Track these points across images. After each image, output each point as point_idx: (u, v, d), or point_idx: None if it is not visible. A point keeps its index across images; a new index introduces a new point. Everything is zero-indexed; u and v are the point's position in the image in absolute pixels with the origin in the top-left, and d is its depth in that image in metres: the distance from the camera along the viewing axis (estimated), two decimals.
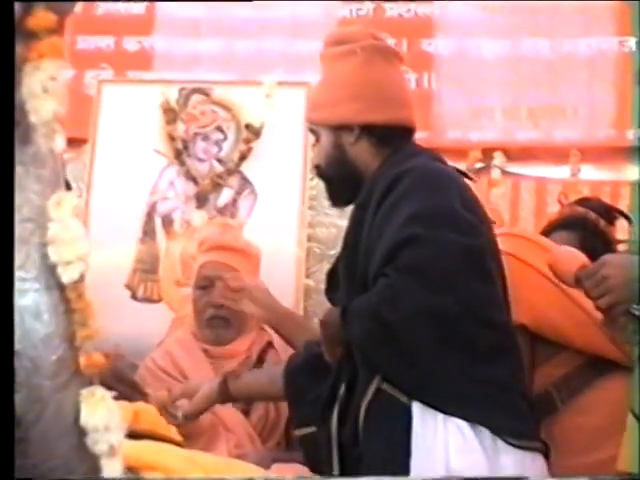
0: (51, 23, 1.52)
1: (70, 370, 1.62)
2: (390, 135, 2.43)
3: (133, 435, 1.89)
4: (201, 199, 3.71)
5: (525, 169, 4.70)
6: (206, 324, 3.21)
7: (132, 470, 1.86)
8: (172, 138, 3.73)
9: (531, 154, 4.71)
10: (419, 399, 2.13)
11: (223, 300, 3.00)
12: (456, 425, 2.11)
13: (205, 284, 3.23)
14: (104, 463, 1.65)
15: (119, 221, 3.67)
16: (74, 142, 3.91)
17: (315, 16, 4.78)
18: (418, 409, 2.13)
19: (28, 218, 1.59)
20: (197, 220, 3.68)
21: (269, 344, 3.23)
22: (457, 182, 2.34)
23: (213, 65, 4.74)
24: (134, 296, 3.66)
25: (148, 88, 3.88)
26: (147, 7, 4.94)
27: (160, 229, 3.72)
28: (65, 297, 1.62)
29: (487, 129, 4.72)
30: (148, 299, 3.66)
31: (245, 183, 3.71)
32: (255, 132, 3.69)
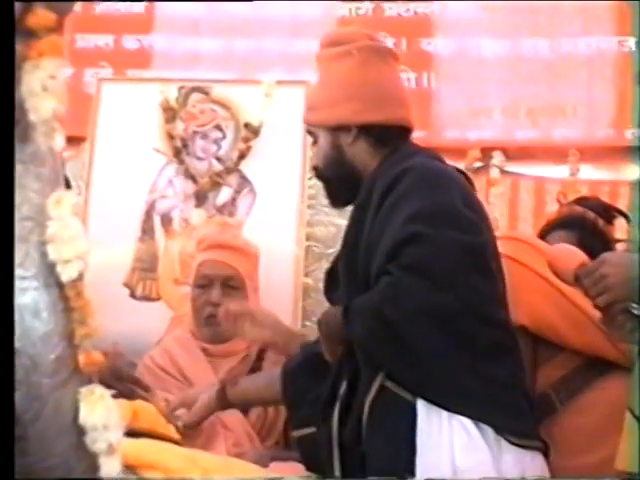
0: (51, 22, 1.53)
1: (69, 368, 1.63)
2: (388, 135, 2.43)
3: (132, 433, 1.89)
4: (200, 198, 3.71)
5: (524, 168, 4.69)
6: (205, 322, 3.21)
7: (131, 469, 1.86)
8: (171, 137, 3.72)
9: (530, 154, 4.70)
10: (423, 396, 2.14)
11: (225, 326, 2.91)
12: (460, 423, 2.11)
13: (204, 283, 3.23)
14: (103, 461, 1.65)
15: (118, 219, 3.66)
16: (73, 140, 3.89)
17: (314, 15, 4.78)
18: (423, 407, 2.13)
19: (27, 216, 1.59)
20: (196, 219, 3.68)
21: None
22: (457, 181, 2.34)
23: (212, 64, 4.73)
24: (133, 294, 3.66)
25: (147, 86, 3.87)
26: (146, 6, 4.93)
27: (159, 227, 3.71)
28: (64, 295, 1.62)
29: (486, 128, 4.71)
30: (147, 297, 3.66)
31: (244, 182, 3.71)
32: (254, 131, 3.68)
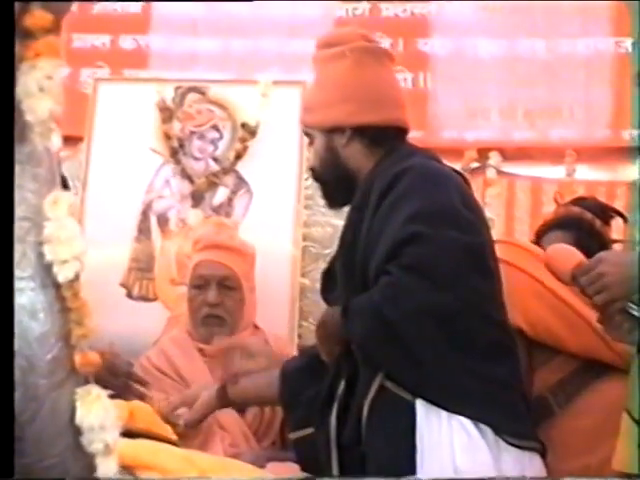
0: (48, 22, 1.53)
1: (66, 369, 1.63)
2: (383, 136, 2.43)
3: (128, 434, 1.89)
4: (197, 198, 3.71)
5: (521, 169, 4.69)
6: (201, 323, 3.21)
7: (127, 469, 1.86)
8: (168, 137, 3.73)
9: (527, 154, 4.70)
10: (422, 396, 2.13)
11: (218, 363, 2.87)
12: (460, 423, 2.11)
13: (200, 283, 3.23)
14: (99, 462, 1.65)
15: (115, 219, 3.66)
16: (70, 140, 3.92)
17: (311, 16, 4.78)
18: (422, 407, 2.13)
19: (24, 217, 1.59)
20: (192, 219, 3.68)
21: (265, 342, 3.23)
22: (455, 181, 2.34)
23: (209, 64, 4.73)
24: (129, 295, 3.66)
25: (144, 87, 3.87)
26: (143, 6, 4.93)
27: (155, 228, 3.71)
28: (61, 296, 1.62)
29: (483, 129, 4.71)
30: (143, 298, 3.66)
31: (241, 182, 3.71)
32: (251, 131, 3.68)
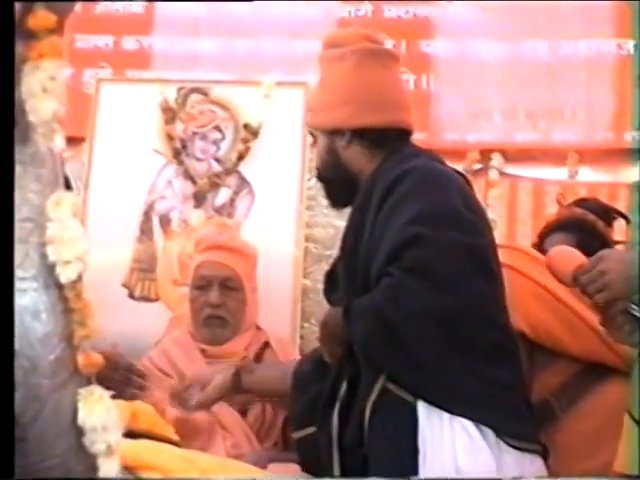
0: (51, 23, 1.53)
1: (68, 369, 1.63)
2: (384, 138, 2.42)
3: (131, 435, 1.89)
4: (199, 198, 3.71)
5: (523, 170, 4.68)
6: (203, 323, 3.21)
7: (129, 470, 1.86)
8: (170, 137, 3.73)
9: (529, 156, 4.69)
10: (423, 398, 2.14)
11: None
12: (461, 425, 2.11)
13: (202, 284, 3.23)
14: (102, 462, 1.65)
15: (117, 220, 3.67)
16: (72, 141, 3.93)
17: (314, 17, 4.77)
18: (424, 408, 2.13)
19: (27, 218, 1.59)
20: (195, 220, 3.68)
21: (266, 344, 3.23)
22: (457, 182, 2.34)
23: (212, 65, 4.72)
24: (131, 295, 3.66)
25: (147, 87, 3.88)
26: (146, 6, 4.92)
27: (158, 228, 3.72)
28: (63, 296, 1.62)
29: (485, 130, 4.70)
30: (145, 298, 3.66)
31: (243, 183, 3.71)
32: (253, 132, 3.69)
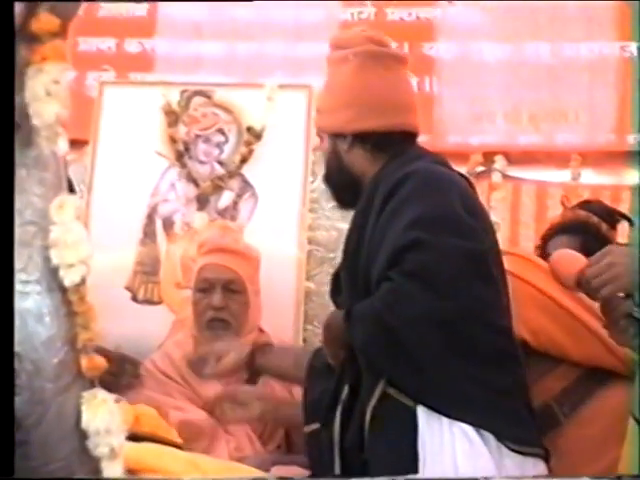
0: (55, 27, 1.53)
1: (72, 373, 1.63)
2: (386, 141, 2.41)
3: (134, 438, 1.90)
4: (202, 201, 3.71)
5: (526, 173, 4.68)
6: (206, 326, 3.21)
7: (133, 472, 1.87)
8: (173, 140, 3.73)
9: (532, 158, 4.69)
10: (423, 403, 2.13)
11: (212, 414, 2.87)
12: (461, 429, 2.11)
13: (205, 286, 3.23)
14: (105, 466, 1.66)
15: (120, 223, 3.67)
16: (75, 144, 3.91)
17: (317, 19, 4.78)
18: (423, 413, 2.13)
19: (30, 221, 1.59)
20: (198, 222, 3.68)
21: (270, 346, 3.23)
22: (459, 185, 2.33)
23: (215, 67, 4.73)
24: (135, 298, 3.66)
25: (149, 90, 3.88)
26: (149, 9, 4.92)
27: (161, 231, 3.72)
28: (67, 300, 1.63)
29: (488, 133, 4.70)
30: (149, 301, 3.66)
31: (246, 186, 3.71)
32: (256, 135, 3.69)
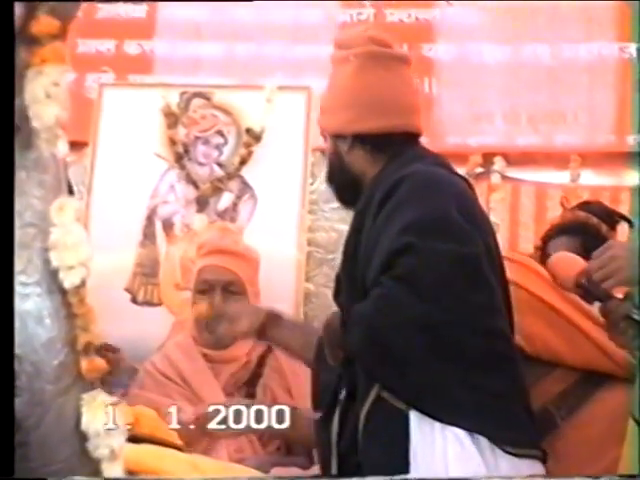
0: (54, 29, 1.53)
1: (72, 374, 1.63)
2: (386, 142, 2.39)
3: (134, 439, 1.90)
4: (201, 203, 3.72)
5: (525, 174, 4.67)
6: (206, 328, 3.21)
7: (133, 474, 1.87)
8: (173, 142, 3.74)
9: (531, 159, 4.68)
10: (415, 408, 2.12)
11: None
12: (453, 434, 2.10)
13: (204, 288, 3.23)
14: (105, 467, 1.66)
15: (119, 224, 3.67)
16: (75, 145, 3.92)
17: (316, 21, 4.77)
18: (415, 417, 2.12)
19: (30, 223, 1.60)
20: (197, 224, 3.69)
21: (269, 348, 3.23)
22: (456, 188, 2.30)
23: (214, 69, 4.72)
24: (134, 300, 3.67)
25: (149, 92, 3.89)
26: (148, 11, 4.91)
27: (160, 233, 3.72)
28: (67, 302, 1.63)
29: (487, 134, 4.69)
30: (148, 302, 3.67)
31: (245, 187, 3.72)
32: (255, 136, 3.69)
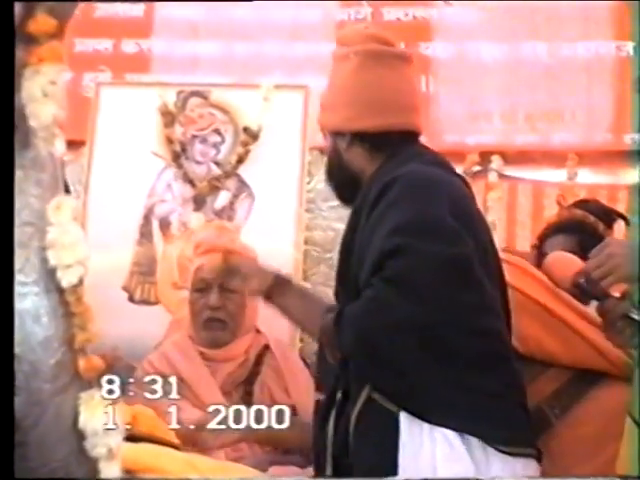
0: (51, 28, 1.53)
1: (69, 373, 1.63)
2: (385, 141, 2.39)
3: (131, 438, 1.90)
4: (198, 202, 3.72)
5: (522, 173, 4.69)
6: (203, 326, 3.21)
7: (130, 473, 1.87)
8: (170, 141, 3.73)
9: (529, 158, 4.70)
10: (406, 409, 2.12)
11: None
12: (443, 434, 2.09)
13: (202, 286, 3.23)
14: (103, 466, 1.66)
15: (116, 223, 3.67)
16: (72, 144, 3.89)
17: (313, 19, 4.78)
18: (405, 419, 2.11)
19: (28, 222, 1.60)
20: (194, 223, 3.69)
21: (266, 347, 3.24)
22: (448, 188, 2.28)
23: (211, 68, 4.73)
24: (131, 298, 3.67)
25: (146, 91, 3.88)
26: (145, 10, 4.92)
27: (157, 231, 3.72)
28: (64, 301, 1.63)
29: (485, 133, 4.71)
30: (145, 301, 3.67)
31: (242, 186, 3.72)
32: (253, 135, 3.69)
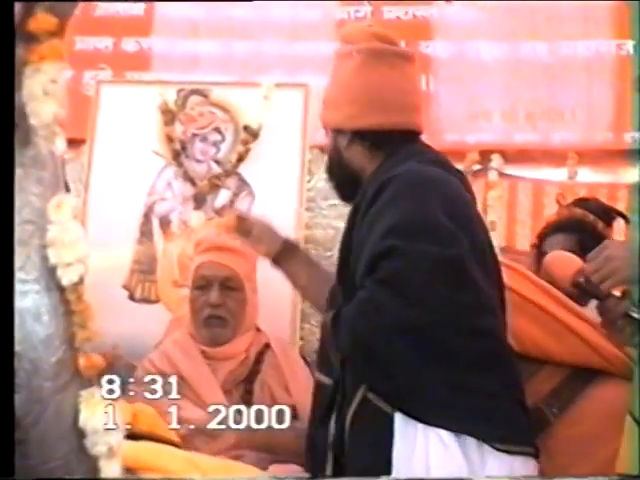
0: (52, 26, 1.53)
1: (70, 371, 1.63)
2: (385, 139, 2.40)
3: (132, 436, 1.90)
4: (199, 200, 3.71)
5: (523, 171, 4.69)
6: (203, 324, 3.21)
7: (131, 471, 1.87)
8: (170, 139, 3.73)
9: (529, 156, 4.70)
10: (400, 409, 2.12)
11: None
12: (437, 434, 2.10)
13: (202, 284, 3.23)
14: (103, 464, 1.66)
15: (117, 222, 3.67)
16: (72, 142, 3.89)
17: (313, 18, 4.79)
18: (400, 419, 2.12)
19: (28, 220, 1.60)
20: (195, 221, 3.69)
21: (267, 346, 3.24)
22: (444, 188, 2.28)
23: (211, 66, 4.74)
24: (132, 297, 3.67)
25: (146, 89, 3.88)
26: (146, 8, 4.93)
27: (158, 230, 3.72)
28: (65, 299, 1.63)
29: (485, 131, 4.72)
30: (146, 300, 3.66)
31: (243, 184, 3.71)
32: (253, 134, 3.69)
